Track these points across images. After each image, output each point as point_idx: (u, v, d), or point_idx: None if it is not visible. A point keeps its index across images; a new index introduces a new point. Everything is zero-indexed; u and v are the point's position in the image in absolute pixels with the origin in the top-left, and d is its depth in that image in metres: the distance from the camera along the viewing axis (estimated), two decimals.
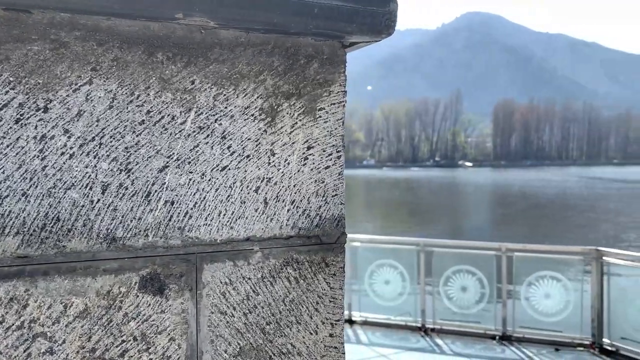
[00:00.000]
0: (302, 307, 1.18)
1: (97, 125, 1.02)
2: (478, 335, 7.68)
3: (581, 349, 7.18)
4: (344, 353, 1.20)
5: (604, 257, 7.19)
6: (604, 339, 7.11)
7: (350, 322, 8.22)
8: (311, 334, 1.18)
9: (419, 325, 7.95)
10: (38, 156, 0.99)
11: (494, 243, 7.89)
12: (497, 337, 7.56)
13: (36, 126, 0.99)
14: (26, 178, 0.98)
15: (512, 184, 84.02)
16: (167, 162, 1.07)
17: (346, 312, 8.31)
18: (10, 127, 0.97)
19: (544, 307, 7.43)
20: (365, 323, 8.18)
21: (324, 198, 1.21)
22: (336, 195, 1.22)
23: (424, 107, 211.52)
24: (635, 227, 31.95)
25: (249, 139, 1.13)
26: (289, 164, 1.17)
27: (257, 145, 1.14)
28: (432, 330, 7.87)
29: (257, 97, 1.14)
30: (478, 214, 43.63)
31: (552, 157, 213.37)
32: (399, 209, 46.94)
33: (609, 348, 7.03)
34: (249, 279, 1.13)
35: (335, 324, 1.21)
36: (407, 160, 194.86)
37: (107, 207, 1.03)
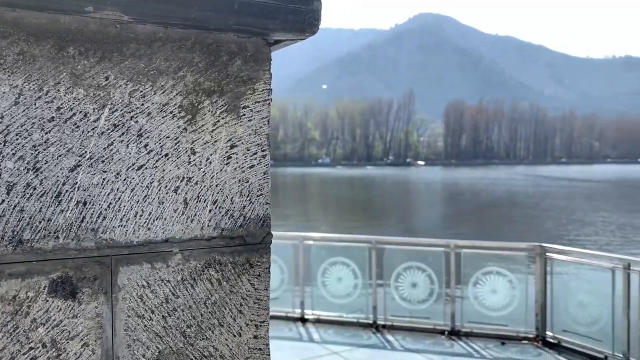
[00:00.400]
0: (225, 309, 1.15)
1: (0, 122, 0.97)
2: (428, 330, 7.80)
3: (526, 342, 7.39)
4: (268, 354, 1.18)
5: (547, 253, 7.42)
6: (547, 332, 7.34)
7: (303, 320, 8.22)
8: (234, 336, 1.16)
9: (371, 322, 8.02)
10: None
11: (442, 240, 8.03)
12: (446, 332, 7.70)
13: None
14: None
15: (462, 182, 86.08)
16: (79, 161, 1.03)
17: (299, 310, 8.30)
18: None
19: (490, 302, 7.61)
20: (317, 321, 8.19)
21: (248, 198, 1.19)
22: (261, 195, 1.21)
23: (378, 107, 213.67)
24: (578, 224, 33.24)
25: (167, 137, 1.10)
26: (210, 163, 1.15)
27: (176, 144, 1.11)
28: (384, 326, 7.95)
29: (177, 94, 1.11)
30: (429, 212, 44.47)
31: (500, 156, 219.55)
32: (354, 207, 47.31)
33: (552, 340, 7.26)
34: (168, 281, 1.10)
35: (260, 325, 1.19)
36: (362, 158, 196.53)
37: (13, 208, 0.98)
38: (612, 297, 6.64)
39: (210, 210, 1.14)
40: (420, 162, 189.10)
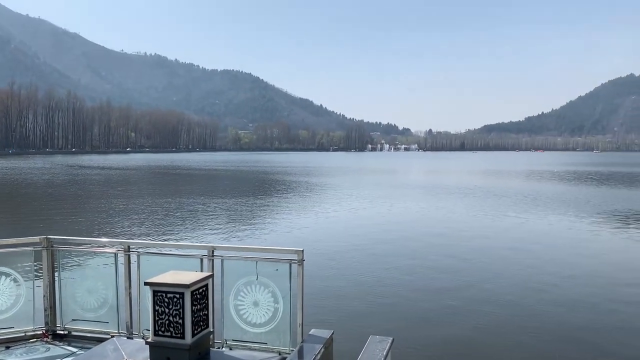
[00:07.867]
0: None
1: None
2: None
3: (34, 340, 7.12)
4: None
5: (54, 245, 7.30)
6: (57, 325, 7.25)
7: None
8: None
9: None
10: None
11: None
12: None
13: None
14: None
15: None
16: None
17: None
18: None
19: None
20: None
21: None
22: None
23: None
24: (92, 211, 33.59)
25: None
26: None
27: None
28: None
29: None
30: None
31: (37, 146, 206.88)
32: None
33: (62, 332, 7.22)
34: None
35: None
36: None
37: None
38: (116, 279, 7.05)
39: None
40: None
